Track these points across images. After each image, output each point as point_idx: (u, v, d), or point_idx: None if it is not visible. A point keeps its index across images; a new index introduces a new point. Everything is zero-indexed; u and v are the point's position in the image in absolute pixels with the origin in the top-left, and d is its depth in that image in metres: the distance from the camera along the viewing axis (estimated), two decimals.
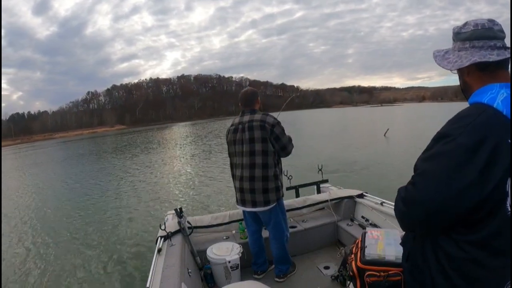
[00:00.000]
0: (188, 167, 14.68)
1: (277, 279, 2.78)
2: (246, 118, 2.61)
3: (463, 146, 0.89)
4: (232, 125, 2.71)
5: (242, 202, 2.67)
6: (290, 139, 2.65)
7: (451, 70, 1.10)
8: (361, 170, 10.42)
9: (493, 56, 0.99)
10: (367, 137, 20.49)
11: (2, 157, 38.17)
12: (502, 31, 1.02)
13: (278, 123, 2.57)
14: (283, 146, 2.57)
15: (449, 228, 0.98)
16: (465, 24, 1.05)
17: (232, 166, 2.77)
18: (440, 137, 0.96)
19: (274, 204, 2.59)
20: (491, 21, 1.02)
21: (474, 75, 1.04)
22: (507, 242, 0.92)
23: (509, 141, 0.86)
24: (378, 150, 14.85)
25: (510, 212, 0.89)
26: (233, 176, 2.77)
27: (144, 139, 38.41)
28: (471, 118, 0.91)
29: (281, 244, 2.74)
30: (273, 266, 2.92)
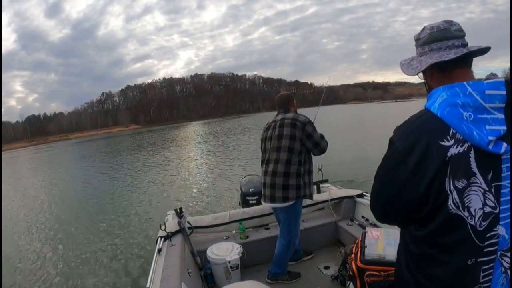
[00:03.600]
0: (190, 167, 14.78)
1: (267, 280, 2.76)
2: (279, 117, 2.72)
3: (398, 150, 0.98)
4: (267, 123, 2.84)
5: (263, 196, 2.72)
6: (322, 136, 2.66)
7: (413, 76, 1.11)
8: (362, 169, 10.14)
9: (450, 55, 0.97)
10: (374, 134, 20.10)
11: (22, 157, 39.38)
12: (460, 30, 1.01)
13: (310, 122, 2.62)
14: (316, 143, 2.59)
15: (408, 223, 1.04)
16: (423, 29, 1.06)
17: (262, 162, 2.83)
18: (389, 143, 1.04)
19: (293, 201, 2.57)
20: (448, 22, 1.02)
21: (436, 78, 1.04)
22: (458, 240, 0.92)
23: (440, 142, 0.90)
24: (383, 148, 14.37)
25: (452, 211, 0.91)
26: (262, 172, 2.81)
27: (157, 139, 38.93)
28: (408, 125, 1.00)
29: (282, 246, 2.71)
30: (308, 256, 3.12)
